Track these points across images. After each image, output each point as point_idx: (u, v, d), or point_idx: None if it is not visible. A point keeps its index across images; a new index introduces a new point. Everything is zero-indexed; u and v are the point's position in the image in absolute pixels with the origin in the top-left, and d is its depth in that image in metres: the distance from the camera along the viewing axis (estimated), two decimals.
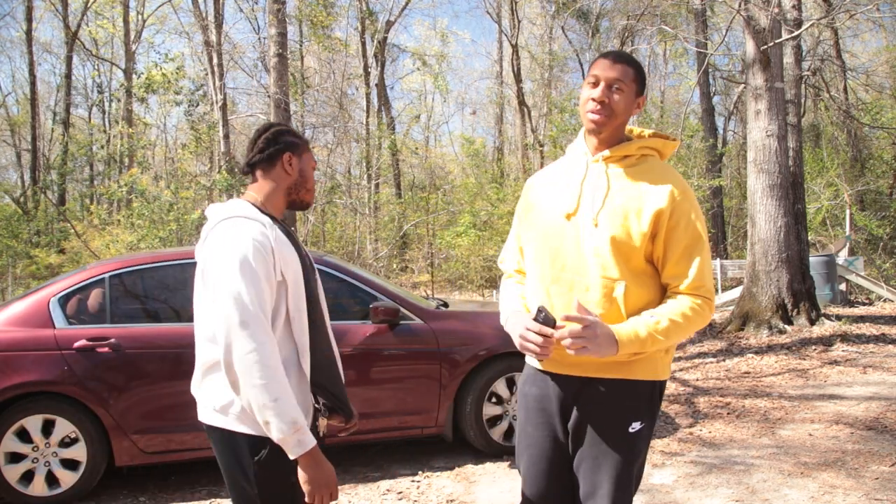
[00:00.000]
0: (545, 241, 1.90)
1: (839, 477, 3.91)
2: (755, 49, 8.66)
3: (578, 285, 1.82)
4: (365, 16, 22.30)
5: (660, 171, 1.87)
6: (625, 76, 1.84)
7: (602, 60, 1.87)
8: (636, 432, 1.84)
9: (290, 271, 1.81)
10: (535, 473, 1.97)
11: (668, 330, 1.76)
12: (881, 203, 16.85)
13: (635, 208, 1.80)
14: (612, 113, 1.84)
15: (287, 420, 1.65)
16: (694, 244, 1.80)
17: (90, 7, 21.33)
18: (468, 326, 4.63)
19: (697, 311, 1.79)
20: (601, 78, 1.84)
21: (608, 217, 1.81)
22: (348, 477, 4.35)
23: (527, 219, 2.00)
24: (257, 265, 1.72)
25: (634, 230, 1.79)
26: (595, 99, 1.84)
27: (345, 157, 22.56)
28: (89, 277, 4.21)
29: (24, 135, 23.49)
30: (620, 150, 1.88)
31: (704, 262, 1.81)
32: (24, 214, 18.20)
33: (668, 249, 1.81)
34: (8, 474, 3.86)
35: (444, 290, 17.39)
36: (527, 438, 1.98)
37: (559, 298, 1.85)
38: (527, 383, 2.01)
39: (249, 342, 1.66)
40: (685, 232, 1.80)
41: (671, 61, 25.60)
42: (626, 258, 1.80)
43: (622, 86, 1.84)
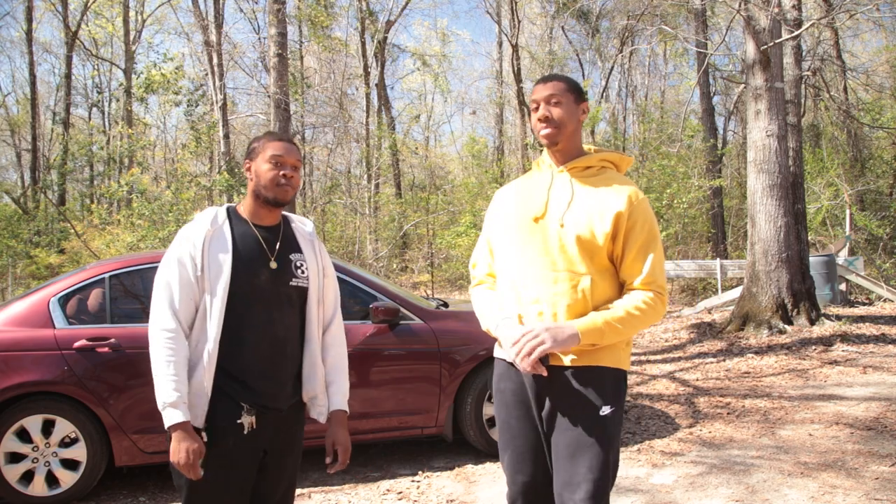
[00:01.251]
0: (516, 241, 2.09)
1: (839, 477, 3.91)
2: (755, 49, 8.66)
3: (547, 278, 2.01)
4: (365, 16, 22.31)
5: (618, 180, 2.09)
6: (557, 89, 2.07)
7: (536, 86, 2.12)
8: (607, 416, 1.97)
9: (214, 268, 2.00)
10: (524, 463, 2.09)
11: (624, 320, 1.95)
12: (881, 203, 16.85)
13: (598, 211, 2.01)
14: (558, 124, 2.06)
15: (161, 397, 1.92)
16: (648, 243, 2.00)
17: (90, 7, 21.34)
18: (468, 326, 4.63)
19: (651, 304, 1.98)
20: (539, 100, 2.08)
21: (573, 218, 2.01)
22: (348, 477, 4.35)
23: (497, 223, 2.19)
24: (179, 261, 2.00)
25: (598, 230, 1.99)
26: (540, 119, 2.07)
27: (345, 157, 22.57)
28: (89, 277, 4.21)
29: (24, 135, 23.50)
30: (582, 161, 2.10)
31: (657, 259, 2.01)
32: (24, 214, 18.21)
33: (626, 247, 2.00)
34: (8, 474, 3.86)
35: (444, 290, 17.39)
36: (510, 431, 2.11)
37: (527, 290, 2.03)
38: (502, 380, 2.16)
39: (151, 325, 1.98)
40: (641, 231, 2.00)
41: (671, 61, 25.61)
42: (591, 255, 2.00)
43: (558, 98, 2.06)
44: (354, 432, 4.36)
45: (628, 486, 3.92)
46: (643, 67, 26.01)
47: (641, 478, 4.06)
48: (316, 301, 2.18)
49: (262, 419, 2.03)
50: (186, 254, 2.01)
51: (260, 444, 2.05)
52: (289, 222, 2.24)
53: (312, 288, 2.16)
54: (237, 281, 2.02)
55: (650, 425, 5.22)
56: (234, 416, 1.99)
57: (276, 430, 2.08)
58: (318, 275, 2.20)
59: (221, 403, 1.99)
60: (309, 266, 2.17)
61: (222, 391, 2.00)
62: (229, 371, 2.01)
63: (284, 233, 2.18)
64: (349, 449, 2.20)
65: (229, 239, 2.06)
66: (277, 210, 2.16)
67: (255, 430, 2.01)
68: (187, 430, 1.93)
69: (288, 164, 2.11)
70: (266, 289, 2.06)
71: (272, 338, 2.06)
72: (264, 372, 2.04)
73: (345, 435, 2.20)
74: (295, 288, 2.12)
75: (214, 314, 1.98)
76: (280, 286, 2.09)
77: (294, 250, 2.17)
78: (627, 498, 3.75)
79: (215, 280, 2.00)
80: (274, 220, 2.17)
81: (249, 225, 2.12)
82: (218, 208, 2.15)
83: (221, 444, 1.99)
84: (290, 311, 2.12)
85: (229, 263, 2.02)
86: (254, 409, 2.01)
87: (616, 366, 2.01)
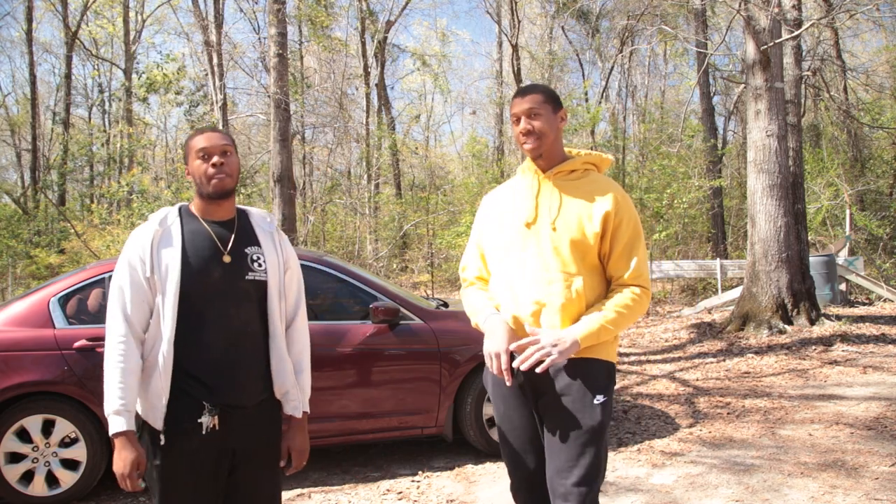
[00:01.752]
0: (509, 245, 2.17)
1: (839, 477, 3.91)
2: (755, 49, 8.66)
3: (541, 280, 2.10)
4: (365, 16, 22.30)
5: (602, 182, 2.20)
6: (535, 102, 2.15)
7: (514, 100, 2.20)
8: (600, 404, 2.07)
9: (163, 268, 1.99)
10: (525, 454, 2.18)
11: (616, 320, 2.07)
12: (881, 203, 16.84)
13: (587, 213, 2.12)
14: (539, 135, 2.15)
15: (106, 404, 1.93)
16: (633, 241, 2.12)
17: (90, 7, 21.32)
18: (468, 326, 4.56)
19: (637, 299, 2.11)
20: (519, 114, 2.16)
21: (565, 222, 2.12)
22: (348, 477, 4.35)
23: (489, 229, 2.27)
24: (129, 264, 2.00)
25: (588, 231, 2.10)
26: (522, 132, 2.16)
27: (345, 157, 22.56)
28: (89, 277, 4.21)
29: (24, 135, 23.48)
30: (567, 166, 2.19)
31: (642, 256, 2.14)
32: (24, 214, 18.20)
33: (613, 245, 2.11)
34: (8, 474, 3.86)
35: (444, 290, 17.39)
36: (509, 422, 2.20)
37: (525, 291, 2.12)
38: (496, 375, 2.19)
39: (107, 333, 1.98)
40: (626, 229, 2.11)
41: (671, 61, 25.58)
42: (583, 256, 2.10)
43: (537, 111, 2.14)
44: (354, 432, 4.36)
45: (628, 486, 3.92)
46: (643, 67, 26.01)
47: (641, 478, 4.06)
48: (277, 295, 2.11)
49: (227, 418, 1.99)
50: (136, 256, 2.00)
51: (226, 444, 2.01)
52: (247, 216, 2.18)
53: (272, 282, 2.09)
54: (188, 279, 1.99)
55: (650, 425, 5.22)
56: (196, 416, 1.96)
57: (243, 429, 2.03)
58: (279, 268, 2.13)
59: (182, 404, 1.97)
60: (268, 259, 2.10)
61: (183, 392, 1.97)
62: (189, 371, 1.98)
63: (240, 226, 2.12)
64: (306, 452, 2.16)
65: (178, 237, 2.03)
66: (226, 203, 2.10)
67: (217, 430, 1.97)
68: (129, 439, 1.92)
69: (214, 153, 2.05)
70: (220, 285, 2.02)
71: (230, 334, 2.02)
72: (224, 370, 2.00)
73: (302, 438, 2.15)
74: (252, 282, 2.06)
75: (167, 314, 1.96)
76: (236, 281, 2.04)
77: (250, 244, 2.11)
78: (627, 498, 3.75)
79: (165, 280, 1.98)
80: (226, 215, 2.12)
81: (200, 221, 2.08)
82: (169, 208, 2.13)
83: (185, 445, 1.96)
84: (248, 307, 2.06)
85: (178, 262, 1.99)
86: (215, 408, 1.97)
87: (607, 358, 2.12)
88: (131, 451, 1.92)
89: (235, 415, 2.01)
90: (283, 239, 2.21)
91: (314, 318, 4.43)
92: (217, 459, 2.01)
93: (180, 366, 1.98)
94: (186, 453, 1.97)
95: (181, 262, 1.99)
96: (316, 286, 4.53)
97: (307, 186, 21.43)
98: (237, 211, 2.16)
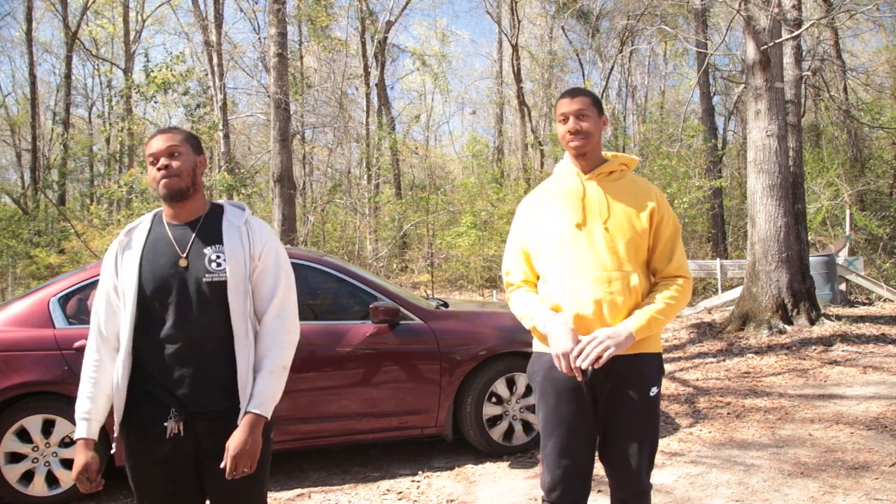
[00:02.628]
0: (561, 247, 2.24)
1: (839, 477, 3.91)
2: (755, 49, 8.65)
3: (600, 279, 2.19)
4: (365, 16, 22.30)
5: (640, 181, 2.35)
6: (585, 105, 2.26)
7: (564, 99, 2.30)
8: (655, 396, 2.25)
9: (123, 277, 2.04)
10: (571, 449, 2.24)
11: (665, 311, 2.19)
12: (881, 203, 16.84)
13: (634, 212, 2.25)
14: (587, 135, 2.26)
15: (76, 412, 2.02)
16: (675, 234, 2.27)
17: (90, 7, 21.32)
18: (468, 326, 4.63)
19: (682, 290, 2.24)
20: (568, 113, 2.26)
21: (616, 222, 2.23)
22: (348, 477, 4.35)
23: (534, 232, 2.32)
24: (102, 275, 2.09)
25: (639, 228, 2.23)
26: (570, 131, 2.26)
27: (345, 157, 22.56)
28: (89, 277, 4.21)
29: (24, 135, 23.48)
30: (607, 167, 2.30)
31: (681, 249, 2.29)
32: (25, 214, 18.20)
33: (657, 239, 2.26)
34: (8, 474, 3.86)
35: (444, 290, 17.38)
36: (558, 416, 2.25)
37: (584, 292, 2.19)
38: (553, 368, 2.23)
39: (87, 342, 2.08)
40: (668, 223, 2.27)
41: (671, 61, 25.60)
42: (636, 252, 2.23)
43: (586, 112, 2.26)
44: (354, 432, 4.36)
45: None
46: (643, 67, 26.02)
47: None
48: (241, 293, 2.02)
49: (193, 424, 1.98)
50: (106, 267, 2.08)
51: (193, 450, 1.99)
52: (221, 213, 2.11)
53: (233, 281, 2.00)
54: (145, 286, 2.00)
55: None
56: (162, 418, 1.97)
57: (210, 434, 1.98)
58: (244, 264, 2.03)
59: (150, 407, 1.98)
60: (230, 257, 2.01)
61: (150, 395, 1.99)
62: (152, 375, 1.99)
63: (204, 227, 2.06)
64: (245, 456, 1.93)
65: (139, 244, 2.06)
66: (188, 204, 2.06)
67: (182, 435, 1.97)
68: (87, 445, 1.98)
69: (161, 156, 2.01)
70: (177, 289, 2.00)
71: (188, 339, 1.99)
72: (185, 375, 1.98)
73: (242, 438, 1.93)
74: (210, 284, 2.00)
75: (126, 322, 2.00)
76: (193, 284, 2.00)
77: (212, 243, 2.04)
78: None
79: (125, 286, 2.02)
80: (190, 216, 2.07)
81: (164, 225, 2.09)
82: (144, 216, 2.15)
83: (156, 449, 1.98)
84: (208, 309, 2.00)
85: (136, 268, 2.02)
86: (180, 414, 1.97)
87: (656, 350, 2.27)
88: (83, 457, 1.97)
89: (201, 420, 1.99)
90: (254, 230, 2.09)
91: (314, 318, 4.43)
92: (184, 466, 2.00)
93: (143, 370, 2.01)
94: (156, 455, 1.99)
95: (138, 269, 2.02)
96: (316, 286, 4.54)
97: (307, 186, 21.43)
98: (211, 207, 2.12)
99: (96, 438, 2.00)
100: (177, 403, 1.97)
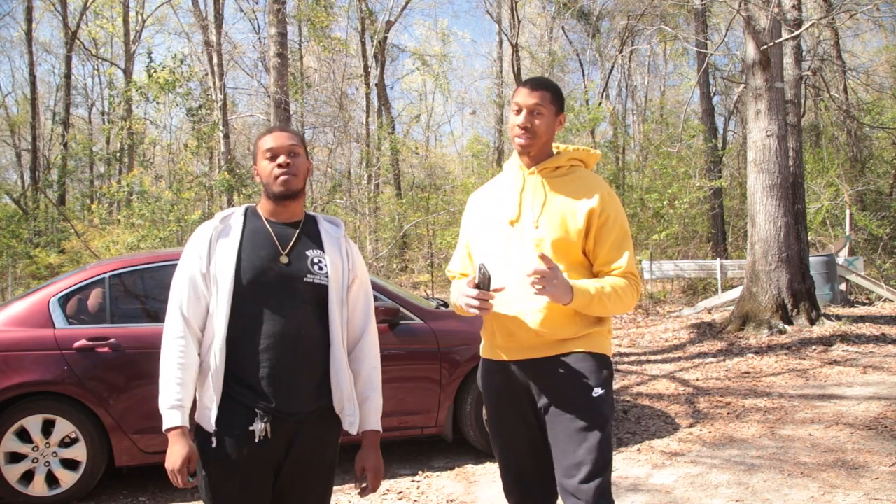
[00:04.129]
0: (493, 243, 2.14)
1: (839, 477, 3.91)
2: (755, 49, 8.65)
3: (525, 279, 1.99)
4: (365, 16, 22.30)
5: (589, 178, 2.16)
6: (543, 100, 2.09)
7: (522, 89, 2.12)
8: (599, 397, 2.04)
9: (219, 264, 1.94)
10: (515, 456, 2.16)
11: (610, 296, 2.03)
12: (881, 203, 16.84)
13: (571, 210, 2.08)
14: (535, 135, 2.10)
15: (162, 400, 1.90)
16: (622, 238, 2.10)
17: (89, 7, 21.33)
18: (468, 326, 4.62)
19: (629, 290, 2.07)
20: (523, 105, 2.09)
21: (548, 220, 2.08)
22: (348, 477, 4.35)
23: (474, 227, 2.24)
24: (188, 259, 1.98)
25: (572, 228, 2.07)
26: (519, 125, 2.10)
27: (345, 157, 22.56)
28: (89, 277, 4.21)
29: (24, 135, 23.49)
30: (552, 162, 2.15)
31: (631, 252, 2.12)
32: (24, 214, 18.20)
33: (598, 241, 2.08)
34: (8, 474, 3.86)
35: (444, 290, 17.38)
36: (501, 423, 2.18)
37: (509, 292, 2.06)
38: (489, 375, 2.18)
39: (165, 329, 1.96)
40: (613, 226, 2.08)
41: (671, 61, 25.60)
42: (565, 253, 2.07)
43: (542, 109, 2.09)
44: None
45: (628, 487, 3.92)
46: (643, 67, 26.02)
47: (641, 478, 4.06)
48: (338, 302, 2.00)
49: (279, 427, 1.90)
50: (195, 251, 1.97)
51: (274, 453, 1.91)
52: (316, 221, 2.11)
53: (334, 287, 1.99)
54: (243, 277, 1.92)
55: (650, 425, 5.22)
56: (247, 424, 1.88)
57: (293, 438, 1.93)
58: (343, 275, 2.03)
59: (231, 410, 1.89)
60: (331, 265, 2.00)
61: (231, 398, 1.90)
62: (239, 375, 1.91)
63: (305, 230, 2.05)
64: (381, 472, 2.06)
65: (237, 234, 1.97)
66: (293, 205, 2.03)
67: (269, 438, 1.88)
68: (184, 433, 1.87)
69: (281, 153, 1.99)
70: (276, 285, 1.94)
71: (283, 336, 1.92)
72: (275, 373, 1.90)
73: (377, 458, 2.05)
74: (311, 285, 1.97)
75: (220, 311, 1.90)
76: (293, 282, 1.96)
77: (313, 247, 2.02)
78: (628, 498, 3.75)
79: (220, 276, 1.92)
80: (291, 217, 2.05)
81: (263, 221, 2.03)
82: (236, 207, 2.07)
83: (234, 454, 1.88)
84: (305, 309, 1.96)
85: (234, 258, 1.93)
86: (267, 414, 1.88)
87: (601, 351, 2.10)
88: (184, 447, 1.87)
89: (288, 423, 1.91)
90: (351, 247, 2.12)
91: None
92: (267, 470, 1.92)
93: (230, 370, 1.91)
94: (236, 463, 1.89)
95: (237, 259, 1.93)
96: None
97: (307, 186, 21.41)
98: (306, 216, 2.09)
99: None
100: (262, 404, 1.88)
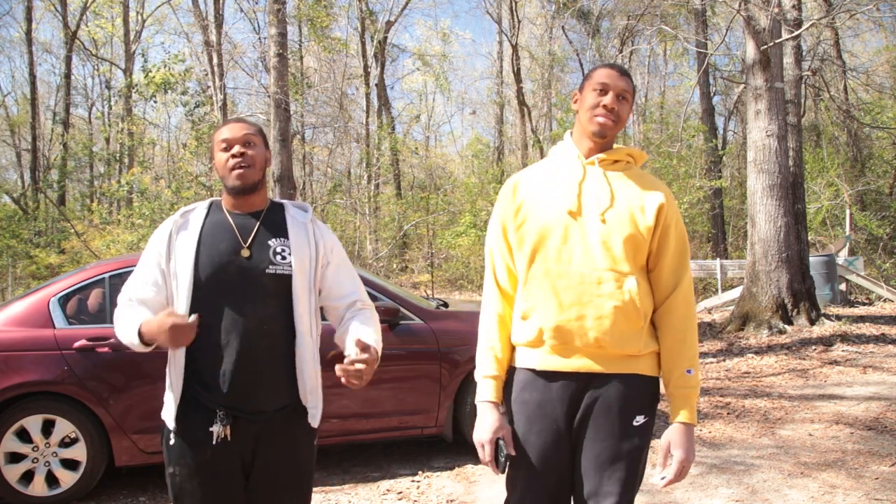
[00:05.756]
0: (548, 237, 1.89)
1: (839, 477, 3.91)
2: (755, 49, 8.65)
3: (589, 278, 1.84)
4: (365, 16, 22.30)
5: (647, 176, 1.98)
6: (629, 88, 1.94)
7: (610, 70, 1.94)
8: (640, 426, 1.87)
9: (178, 260, 1.92)
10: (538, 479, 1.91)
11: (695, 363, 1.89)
12: (881, 203, 16.84)
13: (639, 205, 1.88)
14: (619, 120, 1.93)
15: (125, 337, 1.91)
16: (684, 247, 1.92)
17: (89, 7, 21.33)
18: (468, 326, 4.61)
19: (693, 318, 1.90)
20: (611, 87, 1.91)
21: (616, 214, 1.87)
22: (348, 477, 4.35)
23: (520, 218, 1.94)
24: (145, 259, 1.97)
25: (641, 225, 1.87)
26: (606, 105, 1.90)
27: (345, 157, 22.56)
28: (89, 277, 4.21)
29: (24, 135, 23.47)
30: (613, 154, 1.95)
31: (689, 268, 1.94)
32: (24, 214, 18.21)
33: (662, 246, 1.89)
34: (8, 474, 3.85)
35: (444, 290, 17.38)
36: (529, 447, 1.90)
37: (567, 293, 1.85)
38: (525, 390, 1.92)
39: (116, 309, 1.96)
40: (676, 230, 1.91)
41: (671, 61, 25.60)
42: (635, 252, 1.86)
43: (627, 97, 1.93)
44: (354, 432, 4.36)
45: None
46: (643, 67, 26.01)
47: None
48: (305, 290, 1.94)
49: (241, 427, 1.86)
50: (154, 247, 1.95)
51: (239, 455, 1.88)
52: (282, 209, 2.04)
53: (298, 275, 1.92)
54: (202, 272, 1.88)
55: None
56: (207, 423, 1.84)
57: (258, 437, 1.89)
58: (311, 261, 1.96)
59: (192, 411, 1.86)
60: (295, 252, 1.94)
61: (192, 398, 1.87)
62: (199, 374, 1.87)
63: (268, 219, 1.98)
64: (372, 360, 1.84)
65: (197, 229, 1.93)
66: (253, 198, 1.98)
67: (229, 440, 1.85)
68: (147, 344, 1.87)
69: (235, 143, 1.94)
70: (236, 280, 1.89)
71: (244, 333, 1.87)
72: (235, 371, 1.86)
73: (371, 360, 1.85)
74: (273, 276, 1.91)
75: (180, 307, 1.87)
76: (254, 276, 1.90)
77: (276, 235, 1.96)
78: None
79: (179, 268, 1.90)
80: (252, 208, 1.99)
81: (225, 214, 1.98)
82: (200, 202, 2.04)
83: (197, 456, 1.86)
84: (268, 303, 1.90)
85: (192, 252, 1.89)
86: (228, 417, 1.84)
87: (649, 373, 1.90)
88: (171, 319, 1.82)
89: (252, 422, 1.88)
90: (320, 230, 2.04)
91: None
92: (232, 472, 1.88)
93: (191, 368, 1.88)
94: (198, 463, 1.87)
95: (195, 253, 1.90)
96: None
97: (307, 186, 21.43)
98: (271, 204, 2.04)
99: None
100: (223, 404, 1.85)
